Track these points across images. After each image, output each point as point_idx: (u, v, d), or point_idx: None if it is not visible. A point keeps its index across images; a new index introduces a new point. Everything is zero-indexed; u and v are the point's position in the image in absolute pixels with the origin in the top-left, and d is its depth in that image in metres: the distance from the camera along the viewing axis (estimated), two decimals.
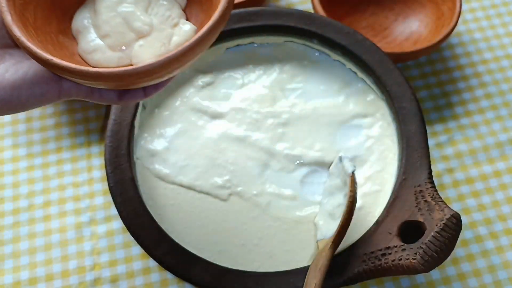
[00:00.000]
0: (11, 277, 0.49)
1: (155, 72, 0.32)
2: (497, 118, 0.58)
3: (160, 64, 0.32)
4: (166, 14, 0.38)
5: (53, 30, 0.37)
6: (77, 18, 0.38)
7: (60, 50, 0.36)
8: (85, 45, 0.37)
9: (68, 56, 0.36)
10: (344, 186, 0.44)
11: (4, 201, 0.53)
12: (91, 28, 0.38)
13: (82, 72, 0.31)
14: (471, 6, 0.66)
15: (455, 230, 0.39)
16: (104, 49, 0.37)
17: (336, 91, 0.53)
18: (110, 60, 0.37)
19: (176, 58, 0.32)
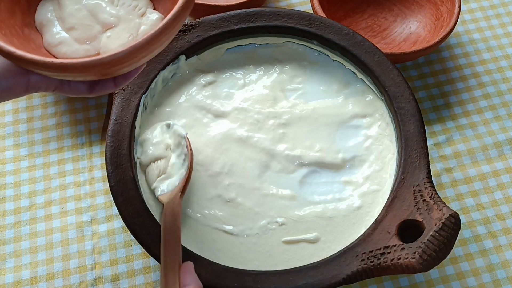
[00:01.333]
0: (12, 276, 0.50)
1: (121, 62, 0.32)
2: (495, 118, 0.58)
3: (126, 53, 0.32)
4: (133, 4, 0.38)
5: (18, 23, 0.36)
6: (40, 11, 0.38)
7: (26, 44, 0.35)
8: (50, 38, 0.37)
9: (34, 49, 0.35)
10: (177, 148, 0.47)
11: (6, 201, 0.53)
12: (56, 21, 0.37)
13: (47, 64, 0.31)
14: (470, 7, 0.66)
15: (454, 229, 0.40)
16: (70, 42, 0.36)
17: (335, 92, 0.53)
18: (77, 53, 0.36)
19: (142, 47, 0.32)
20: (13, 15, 0.36)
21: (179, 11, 0.33)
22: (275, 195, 0.48)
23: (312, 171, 0.49)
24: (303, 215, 0.47)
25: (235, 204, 0.47)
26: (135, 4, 0.38)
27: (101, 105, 0.59)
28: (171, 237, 0.41)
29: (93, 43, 0.37)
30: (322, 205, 0.48)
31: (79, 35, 0.37)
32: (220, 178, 0.48)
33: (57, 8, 0.38)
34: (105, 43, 0.37)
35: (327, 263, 0.42)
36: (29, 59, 0.31)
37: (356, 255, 0.42)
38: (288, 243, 0.46)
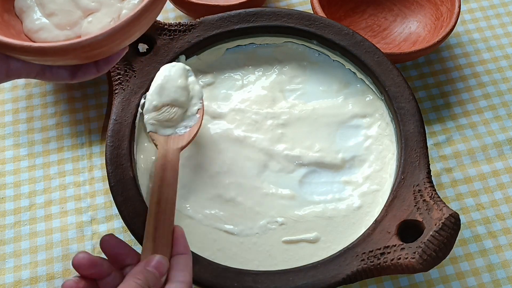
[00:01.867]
0: (12, 276, 0.50)
1: (101, 45, 0.32)
2: (495, 118, 0.58)
3: (106, 35, 0.31)
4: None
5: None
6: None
7: (5, 29, 0.35)
8: (30, 24, 0.36)
9: (14, 35, 0.35)
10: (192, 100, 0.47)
11: (6, 201, 0.53)
12: (36, 7, 0.37)
13: (25, 47, 0.31)
14: (470, 7, 0.66)
15: (454, 229, 0.40)
16: (50, 28, 0.36)
17: (335, 92, 0.53)
18: (58, 38, 0.36)
19: (122, 29, 0.32)
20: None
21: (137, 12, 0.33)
22: (275, 195, 0.48)
23: (312, 171, 0.49)
24: (303, 215, 0.47)
25: (235, 203, 0.47)
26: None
27: (101, 105, 0.59)
28: (166, 191, 0.39)
29: (74, 29, 0.37)
30: (322, 205, 0.48)
31: (59, 21, 0.36)
32: (220, 178, 0.48)
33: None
34: (86, 28, 0.36)
35: (327, 263, 0.42)
36: (6, 43, 0.31)
37: (356, 255, 0.42)
38: (288, 243, 0.46)
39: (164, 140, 0.45)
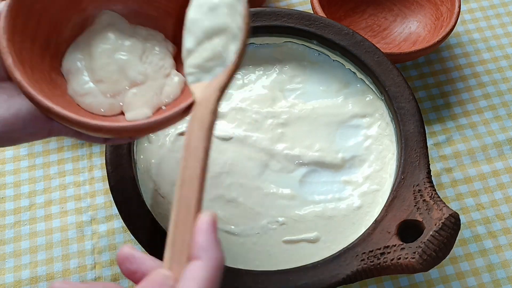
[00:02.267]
0: (12, 276, 0.50)
1: (144, 131, 0.34)
2: (495, 118, 0.58)
3: (150, 124, 0.33)
4: (160, 63, 0.39)
5: (46, 68, 0.36)
6: (69, 58, 0.38)
7: (53, 90, 0.35)
8: (77, 87, 0.37)
9: (60, 96, 0.36)
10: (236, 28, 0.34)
11: (6, 201, 0.53)
12: (85, 71, 0.37)
13: (82, 123, 0.32)
14: (470, 7, 0.66)
15: (454, 229, 0.40)
16: (96, 94, 0.37)
17: (335, 92, 0.53)
18: (102, 105, 0.37)
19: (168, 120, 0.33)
20: (43, 59, 0.36)
21: None
22: (276, 194, 0.48)
23: (312, 170, 0.49)
24: (303, 214, 0.47)
25: (236, 204, 0.47)
26: (161, 64, 0.39)
27: None
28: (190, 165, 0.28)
29: (118, 98, 0.37)
30: (322, 204, 0.48)
31: (106, 88, 0.37)
32: (222, 178, 0.48)
33: (87, 58, 0.38)
34: (130, 99, 0.37)
35: (327, 263, 0.42)
36: (65, 116, 0.32)
37: (356, 255, 0.42)
38: (288, 242, 0.46)
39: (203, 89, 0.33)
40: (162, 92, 0.38)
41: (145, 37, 0.39)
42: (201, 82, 0.34)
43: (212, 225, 0.27)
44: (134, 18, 0.40)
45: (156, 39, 0.40)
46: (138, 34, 0.39)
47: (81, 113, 0.35)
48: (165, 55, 0.39)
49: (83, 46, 0.38)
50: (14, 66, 0.32)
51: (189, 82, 0.34)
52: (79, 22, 0.39)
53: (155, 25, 0.41)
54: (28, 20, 0.35)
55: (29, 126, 0.33)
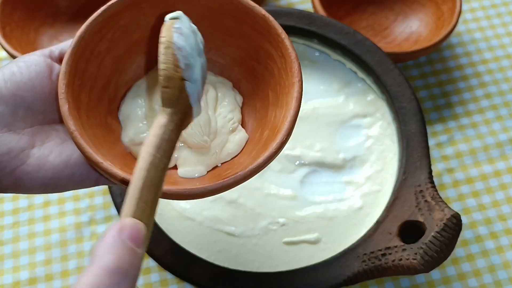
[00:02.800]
0: (11, 277, 0.49)
1: (203, 195, 0.31)
2: (497, 118, 0.58)
3: (210, 189, 0.31)
4: (229, 116, 0.35)
5: (103, 111, 0.34)
6: (131, 104, 0.35)
7: (107, 136, 0.33)
8: (134, 135, 0.34)
9: (113, 143, 0.34)
10: None
11: (4, 201, 0.53)
12: (144, 120, 0.34)
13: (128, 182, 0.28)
14: (471, 6, 0.66)
15: (455, 230, 0.39)
16: None
17: (336, 91, 0.53)
18: None
19: (229, 185, 0.31)
20: (101, 103, 0.34)
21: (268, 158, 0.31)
22: (276, 195, 0.48)
23: (313, 170, 0.49)
24: (304, 215, 0.47)
25: (237, 205, 0.47)
26: (230, 117, 0.35)
27: None
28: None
29: (174, 153, 0.34)
30: (323, 205, 0.47)
31: None
32: None
33: (148, 105, 0.35)
34: (187, 155, 0.34)
35: (328, 264, 0.42)
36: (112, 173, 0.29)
37: (357, 256, 0.41)
38: (289, 244, 0.46)
39: None
40: (223, 150, 0.35)
41: (215, 85, 0.36)
42: None
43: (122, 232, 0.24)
44: None
45: (226, 88, 0.36)
46: (208, 80, 0.36)
47: (131, 165, 0.32)
48: (235, 107, 0.36)
49: (145, 92, 0.35)
50: (69, 115, 0.30)
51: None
52: (142, 65, 0.36)
53: (221, 73, 0.37)
54: (90, 63, 0.33)
55: (77, 174, 0.31)
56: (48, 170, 0.30)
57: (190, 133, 0.34)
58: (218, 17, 0.35)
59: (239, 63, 0.37)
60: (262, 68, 0.36)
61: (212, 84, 0.36)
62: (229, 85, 0.37)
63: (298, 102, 0.33)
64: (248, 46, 0.36)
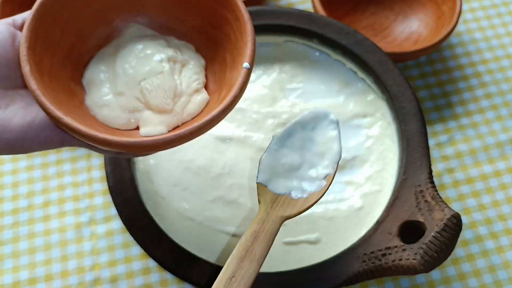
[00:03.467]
0: (11, 277, 0.49)
1: (159, 147, 0.32)
2: (497, 118, 0.58)
3: (165, 140, 0.32)
4: (194, 77, 0.37)
5: (66, 76, 0.36)
6: (94, 69, 0.37)
7: (70, 100, 0.35)
8: (96, 98, 0.36)
9: (77, 106, 0.35)
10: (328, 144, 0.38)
11: (4, 201, 0.53)
12: (107, 83, 0.36)
13: (90, 136, 0.31)
14: (471, 6, 0.66)
15: (455, 230, 0.39)
16: (114, 107, 0.36)
17: (336, 91, 0.53)
18: (118, 119, 0.36)
19: (185, 136, 0.32)
20: (64, 68, 0.36)
21: (225, 108, 0.33)
22: None
23: None
24: (304, 215, 0.47)
25: (236, 205, 0.47)
26: (196, 78, 0.37)
27: None
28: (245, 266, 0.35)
29: (135, 114, 0.36)
30: (323, 205, 0.47)
31: (125, 103, 0.36)
32: (222, 179, 0.48)
33: (111, 70, 0.37)
34: (147, 116, 0.36)
35: (328, 264, 0.42)
36: (74, 128, 0.31)
37: (357, 256, 0.41)
38: (288, 244, 0.46)
39: (270, 200, 0.38)
40: (184, 110, 0.36)
41: (179, 48, 0.38)
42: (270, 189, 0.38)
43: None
44: (161, 33, 0.39)
45: (190, 50, 0.38)
46: (172, 44, 0.38)
47: (94, 126, 0.34)
48: (200, 69, 0.38)
49: (108, 58, 0.37)
50: (30, 75, 0.32)
51: (259, 180, 0.39)
52: (105, 34, 0.38)
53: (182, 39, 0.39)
54: (52, 29, 0.35)
55: (41, 134, 0.33)
56: (13, 131, 0.32)
57: (154, 96, 0.36)
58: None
59: (199, 30, 0.39)
60: (220, 34, 0.38)
61: (177, 47, 0.38)
62: (192, 48, 0.39)
63: (251, 59, 0.34)
64: (207, 13, 0.38)
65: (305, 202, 0.38)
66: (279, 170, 0.38)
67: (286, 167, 0.39)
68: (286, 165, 0.39)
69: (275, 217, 0.37)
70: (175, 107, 0.36)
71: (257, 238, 0.35)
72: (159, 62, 0.36)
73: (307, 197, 0.38)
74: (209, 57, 0.39)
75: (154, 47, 0.37)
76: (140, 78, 0.36)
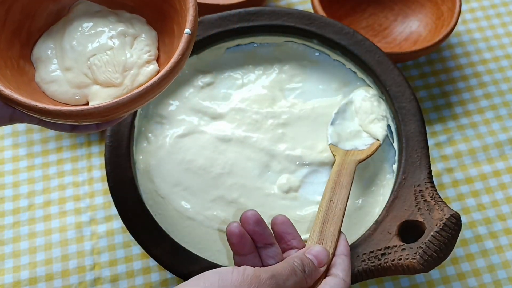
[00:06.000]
0: (11, 277, 0.49)
1: (103, 115, 0.32)
2: (496, 118, 0.58)
3: (108, 107, 0.32)
4: (145, 48, 0.38)
5: (15, 55, 0.36)
6: (41, 47, 0.37)
7: (18, 77, 0.35)
8: (44, 74, 0.36)
9: (26, 83, 0.35)
10: None
11: (5, 201, 0.53)
12: (54, 59, 0.37)
13: (29, 106, 0.31)
14: (471, 6, 0.66)
15: (455, 230, 0.39)
16: (62, 83, 0.36)
17: (335, 91, 0.53)
18: (66, 94, 0.36)
19: (125, 103, 0.32)
20: (11, 46, 0.36)
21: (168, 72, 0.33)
22: (277, 195, 0.48)
23: (313, 170, 0.49)
24: (304, 215, 0.47)
25: (237, 204, 0.47)
26: (147, 50, 0.38)
27: None
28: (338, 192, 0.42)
29: (83, 90, 0.36)
30: None
31: (72, 78, 0.36)
32: (223, 179, 0.48)
33: (59, 47, 0.37)
34: (96, 90, 0.36)
35: None
36: (13, 99, 0.31)
37: (357, 256, 0.42)
38: None
39: (343, 153, 0.47)
40: (134, 82, 0.36)
41: (130, 21, 0.38)
42: (341, 147, 0.48)
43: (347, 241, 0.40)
44: (111, 7, 0.40)
45: (141, 23, 0.39)
46: (123, 18, 0.39)
47: (43, 101, 0.34)
48: (152, 42, 0.38)
49: (56, 35, 0.38)
50: None
51: (330, 142, 0.48)
52: (54, 12, 0.38)
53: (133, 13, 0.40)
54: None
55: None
56: None
57: (102, 71, 0.36)
58: None
59: (148, 4, 0.39)
60: (167, 6, 0.38)
61: (128, 20, 0.38)
62: (144, 21, 0.39)
63: (193, 24, 0.34)
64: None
65: (370, 149, 0.47)
66: (344, 135, 0.49)
67: (349, 132, 0.49)
68: (350, 131, 0.49)
69: (350, 160, 0.46)
70: (124, 81, 0.36)
71: (340, 173, 0.44)
72: (109, 38, 0.37)
73: (369, 146, 0.47)
74: (160, 30, 0.39)
75: (104, 24, 0.37)
76: (89, 54, 0.36)
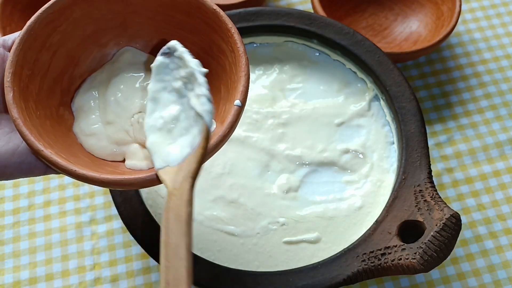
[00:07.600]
0: (11, 277, 0.49)
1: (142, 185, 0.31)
2: (496, 118, 0.58)
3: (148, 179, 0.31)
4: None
5: (55, 102, 0.35)
6: (84, 96, 0.36)
7: (57, 126, 0.34)
8: (84, 125, 0.35)
9: (64, 134, 0.34)
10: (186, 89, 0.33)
11: (5, 201, 0.53)
12: (97, 111, 0.35)
13: (68, 171, 0.30)
14: (471, 6, 0.66)
15: (455, 230, 0.39)
16: (102, 137, 0.35)
17: (335, 91, 0.53)
18: (103, 150, 0.35)
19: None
20: (53, 94, 0.35)
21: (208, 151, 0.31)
22: (276, 195, 0.48)
23: (313, 170, 0.49)
24: (304, 215, 0.47)
25: (237, 204, 0.47)
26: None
27: None
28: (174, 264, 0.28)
29: (122, 147, 0.35)
30: (323, 205, 0.47)
31: (113, 134, 0.35)
32: (223, 179, 0.48)
33: (102, 98, 0.35)
34: (134, 149, 0.35)
35: (328, 263, 0.42)
36: (53, 161, 0.30)
37: (357, 256, 0.42)
38: (288, 243, 0.46)
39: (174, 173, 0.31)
40: None
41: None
42: (170, 166, 0.31)
43: None
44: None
45: None
46: None
47: (79, 155, 0.33)
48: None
49: (99, 84, 0.36)
50: (13, 102, 0.30)
51: (157, 168, 0.31)
52: (98, 58, 0.37)
53: None
54: (42, 53, 0.33)
55: (24, 163, 0.32)
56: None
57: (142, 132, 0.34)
58: (171, 12, 0.36)
59: (200, 48, 0.37)
60: (215, 63, 0.36)
61: None
62: None
63: (244, 95, 0.33)
64: (202, 41, 0.36)
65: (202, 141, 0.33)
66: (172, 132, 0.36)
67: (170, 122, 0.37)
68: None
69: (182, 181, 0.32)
70: None
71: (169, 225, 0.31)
72: None
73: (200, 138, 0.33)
74: None
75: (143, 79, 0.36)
76: (135, 111, 0.35)
